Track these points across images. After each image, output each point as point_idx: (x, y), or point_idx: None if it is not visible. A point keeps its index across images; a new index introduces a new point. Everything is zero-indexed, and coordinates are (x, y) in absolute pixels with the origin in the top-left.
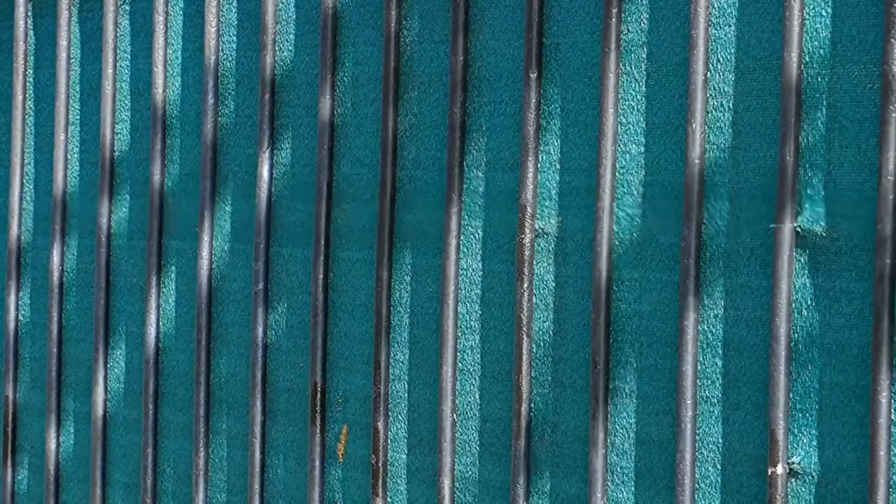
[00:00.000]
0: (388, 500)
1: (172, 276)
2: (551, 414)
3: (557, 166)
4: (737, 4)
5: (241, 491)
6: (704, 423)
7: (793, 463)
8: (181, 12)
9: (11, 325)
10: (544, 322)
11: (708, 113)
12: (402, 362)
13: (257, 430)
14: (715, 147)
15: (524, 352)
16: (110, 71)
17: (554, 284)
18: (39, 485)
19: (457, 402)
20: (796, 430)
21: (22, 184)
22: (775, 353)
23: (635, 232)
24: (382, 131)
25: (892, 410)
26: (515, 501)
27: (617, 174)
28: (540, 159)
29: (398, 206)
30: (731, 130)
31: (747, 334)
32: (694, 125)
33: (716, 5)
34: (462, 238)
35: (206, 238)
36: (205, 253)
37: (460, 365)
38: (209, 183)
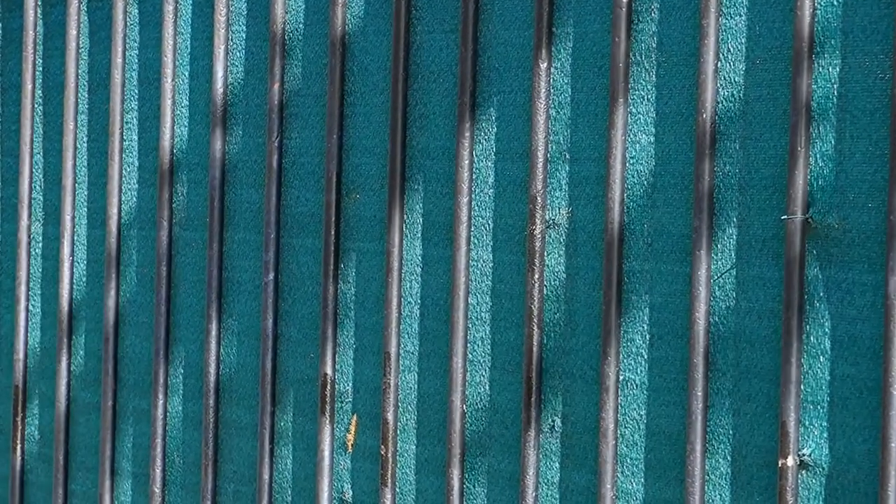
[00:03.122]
0: (397, 490)
1: (182, 266)
2: (561, 405)
3: (567, 156)
4: None
5: (249, 481)
6: (715, 414)
7: (803, 455)
8: (190, 2)
9: (21, 315)
10: (555, 313)
11: (718, 103)
12: (411, 353)
13: (266, 420)
14: (725, 137)
15: (534, 343)
16: (119, 60)
17: (564, 275)
18: (49, 474)
19: (466, 393)
20: (807, 422)
21: (31, 173)
22: (787, 345)
23: (646, 223)
24: (392, 121)
25: None
26: (525, 492)
27: (627, 164)
28: (550, 149)
29: (408, 197)
30: (741, 121)
31: (758, 326)
32: (704, 115)
33: None
34: (472, 229)
35: (216, 228)
36: (215, 243)
37: (470, 356)
38: (219, 173)
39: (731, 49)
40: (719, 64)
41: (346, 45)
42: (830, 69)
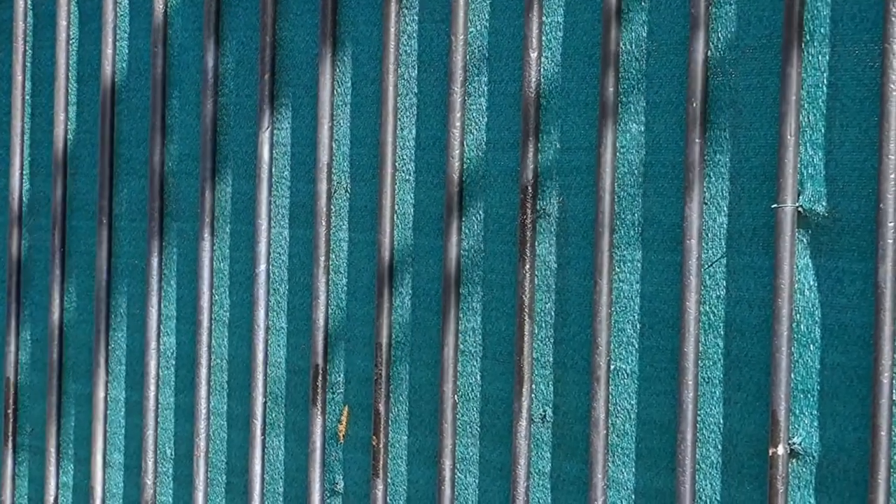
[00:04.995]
0: (389, 481)
1: (174, 257)
2: (552, 395)
3: (558, 146)
4: None
5: (241, 472)
6: (706, 403)
7: (794, 444)
8: None
9: (13, 306)
10: (546, 303)
11: (708, 92)
12: (403, 343)
13: (258, 411)
14: (715, 126)
15: (525, 333)
16: (109, 51)
17: (555, 265)
18: (40, 467)
19: (458, 383)
20: (798, 411)
21: (22, 165)
22: (777, 334)
23: (636, 212)
24: (382, 111)
25: (894, 391)
26: (516, 482)
27: (617, 154)
28: (540, 139)
29: (399, 187)
30: (731, 109)
31: (749, 315)
32: (694, 104)
33: None
34: (463, 219)
35: (206, 219)
36: (206, 234)
37: (461, 346)
38: (209, 163)
39: (721, 38)
40: (709, 53)
41: (337, 35)
42: (820, 57)
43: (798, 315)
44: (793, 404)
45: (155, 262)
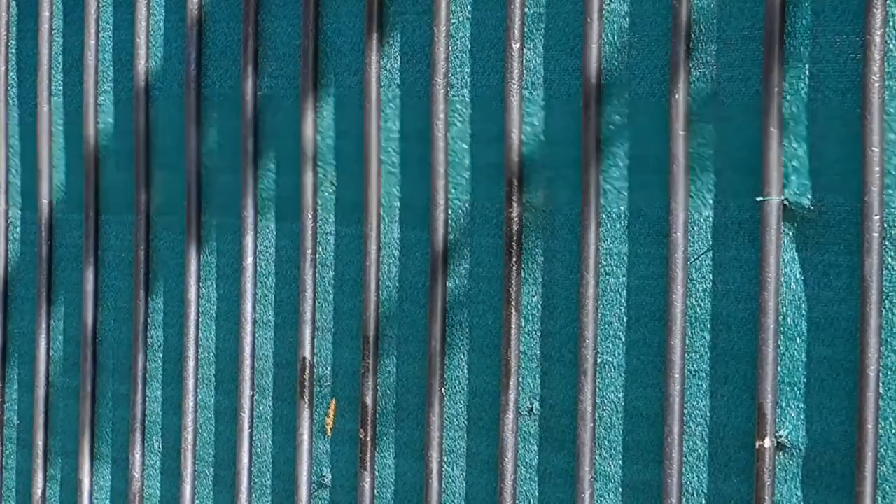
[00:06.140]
0: (377, 474)
1: (161, 250)
2: (539, 388)
3: (542, 138)
4: None
5: (229, 465)
6: (692, 396)
7: (780, 436)
8: None
9: (0, 300)
10: (532, 296)
11: (691, 84)
12: (390, 337)
13: (246, 404)
14: (699, 119)
15: (512, 326)
16: (92, 42)
17: (542, 258)
18: (27, 459)
19: (445, 376)
20: (784, 404)
21: (7, 157)
22: (763, 327)
23: (622, 205)
24: (366, 103)
25: (880, 384)
26: (503, 475)
27: (602, 146)
28: (525, 132)
29: (384, 180)
30: (714, 102)
31: (735, 308)
32: (678, 96)
33: None
34: (450, 212)
35: (193, 212)
36: (192, 227)
37: (449, 339)
38: (195, 156)
39: (704, 30)
40: (692, 44)
41: (319, 26)
42: (802, 49)
43: (784, 308)
44: (779, 397)
45: (142, 254)
